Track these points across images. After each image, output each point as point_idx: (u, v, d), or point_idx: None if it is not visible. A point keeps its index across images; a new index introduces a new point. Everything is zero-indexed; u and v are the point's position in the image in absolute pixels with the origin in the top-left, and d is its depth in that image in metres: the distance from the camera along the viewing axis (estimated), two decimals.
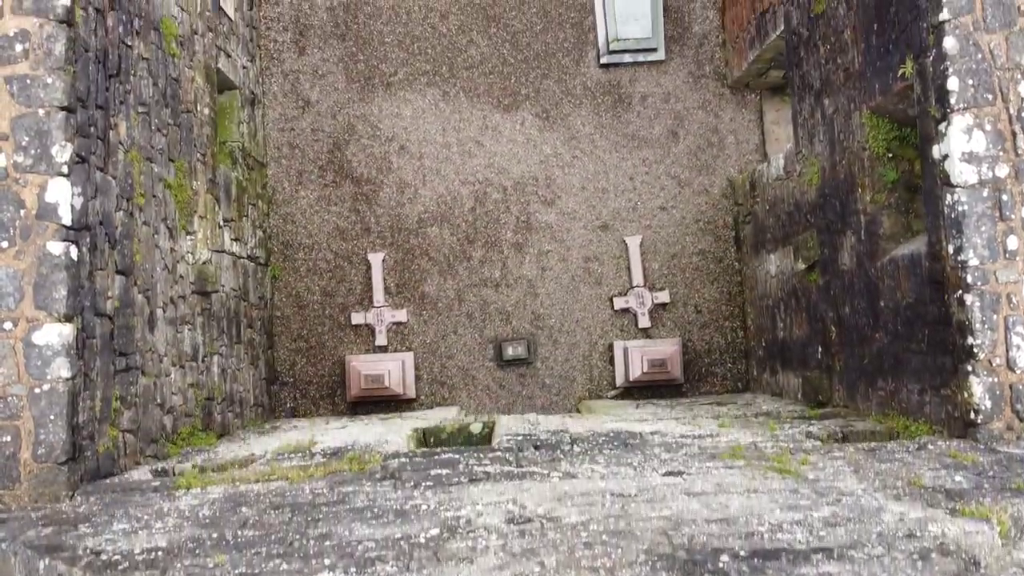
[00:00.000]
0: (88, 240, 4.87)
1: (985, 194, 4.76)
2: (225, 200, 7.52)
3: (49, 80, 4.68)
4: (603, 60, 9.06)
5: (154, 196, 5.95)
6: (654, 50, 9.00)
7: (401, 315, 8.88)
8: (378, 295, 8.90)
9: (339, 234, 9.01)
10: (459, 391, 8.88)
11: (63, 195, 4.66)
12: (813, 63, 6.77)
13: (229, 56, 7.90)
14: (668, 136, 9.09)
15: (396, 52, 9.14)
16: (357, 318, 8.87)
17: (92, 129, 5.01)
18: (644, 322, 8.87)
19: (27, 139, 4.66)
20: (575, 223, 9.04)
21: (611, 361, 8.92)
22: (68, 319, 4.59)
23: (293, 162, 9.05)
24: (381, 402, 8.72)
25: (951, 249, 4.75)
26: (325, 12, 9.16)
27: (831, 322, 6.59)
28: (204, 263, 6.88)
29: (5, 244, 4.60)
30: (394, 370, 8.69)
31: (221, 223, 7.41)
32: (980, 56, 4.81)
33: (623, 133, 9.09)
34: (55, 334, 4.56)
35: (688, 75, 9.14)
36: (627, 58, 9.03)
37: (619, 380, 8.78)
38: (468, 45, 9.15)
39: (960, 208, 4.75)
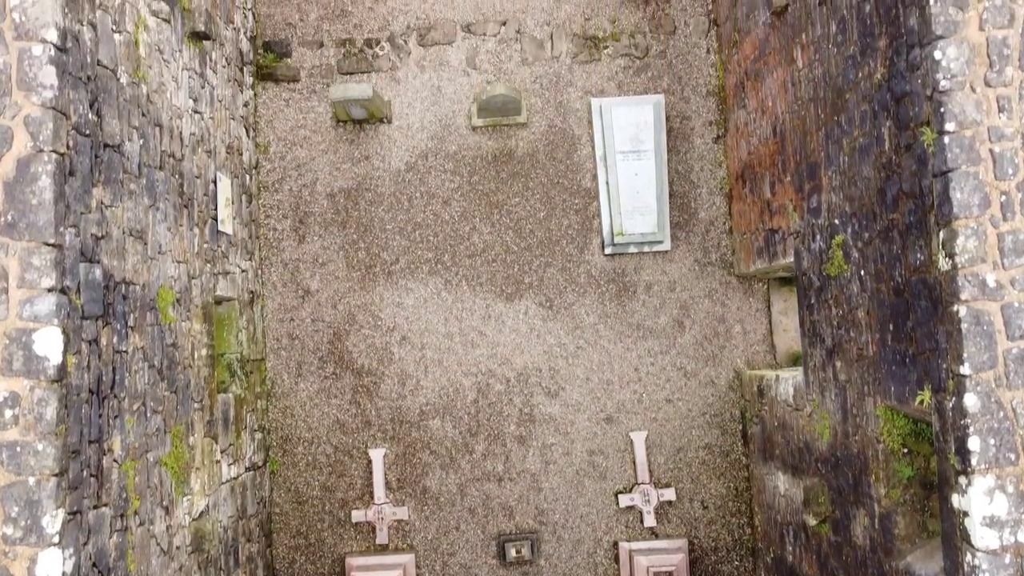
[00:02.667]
0: None
1: (1007, 560, 4.61)
2: (224, 431, 7.37)
3: (40, 447, 4.53)
4: (607, 251, 8.92)
5: (149, 487, 5.79)
6: (660, 242, 8.86)
7: (402, 512, 8.71)
8: (379, 491, 8.74)
9: (339, 427, 8.85)
10: None
11: (54, 565, 4.50)
12: (824, 318, 6.62)
13: (227, 274, 7.75)
14: (674, 326, 8.94)
15: (398, 239, 8.99)
16: (358, 515, 8.71)
17: (85, 472, 4.86)
18: (650, 521, 8.70)
19: (16, 509, 4.51)
20: (579, 415, 8.89)
21: (616, 559, 8.75)
22: None
23: (293, 353, 8.90)
24: None
25: None
26: (326, 199, 9.02)
27: None
28: (201, 516, 6.72)
29: None
30: None
31: (219, 457, 7.25)
32: (1003, 415, 4.66)
33: (628, 323, 8.94)
34: None
35: (694, 263, 9.00)
36: (632, 249, 8.88)
37: None
38: (471, 232, 9.01)
39: (982, 574, 4.60)
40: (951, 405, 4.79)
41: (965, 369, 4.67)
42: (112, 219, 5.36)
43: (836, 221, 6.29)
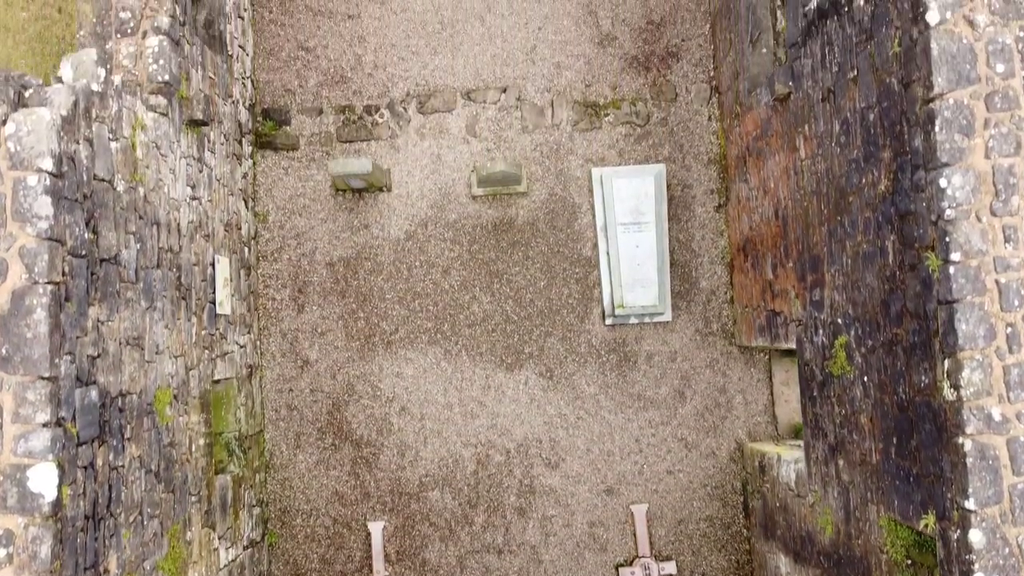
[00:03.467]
0: None
1: None
2: (221, 516, 7.31)
3: None
4: (608, 322, 8.86)
5: None
6: (661, 314, 8.81)
7: None
8: (378, 564, 8.68)
9: (338, 499, 8.79)
10: None
11: None
12: (826, 413, 6.57)
13: (226, 354, 7.70)
14: (675, 396, 8.89)
15: (397, 309, 8.94)
16: None
17: None
18: None
19: None
20: (580, 487, 8.83)
21: None
22: None
23: (291, 424, 8.85)
24: None
25: None
26: (325, 268, 8.96)
27: None
28: None
29: None
30: None
31: (216, 544, 7.19)
32: (1008, 551, 4.60)
33: (629, 393, 8.88)
34: None
35: (695, 332, 8.94)
36: (633, 320, 8.83)
37: None
38: (471, 302, 8.96)
39: None
40: (956, 537, 4.73)
41: (970, 504, 4.61)
42: (109, 334, 5.31)
43: (839, 320, 6.24)
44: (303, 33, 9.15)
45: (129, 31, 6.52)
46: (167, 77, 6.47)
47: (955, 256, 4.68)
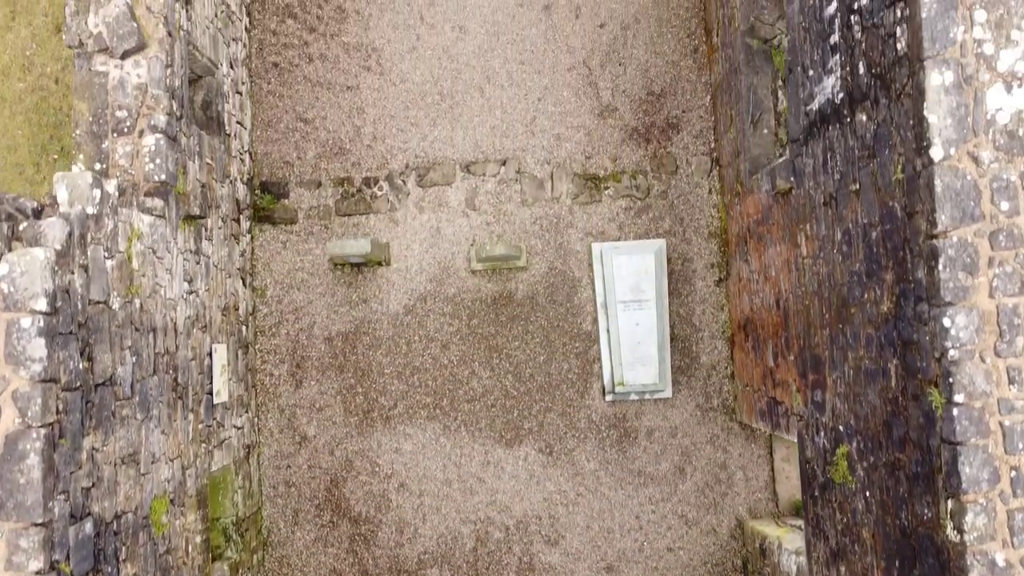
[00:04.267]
0: None
1: None
2: None
3: None
4: (608, 398, 8.81)
5: None
6: (661, 391, 8.76)
7: None
8: None
9: None
10: None
11: None
12: (828, 516, 6.51)
13: (223, 443, 7.64)
14: (675, 472, 8.83)
15: (396, 384, 8.89)
16: None
17: None
18: None
19: None
20: (580, 564, 8.77)
21: None
22: None
23: (289, 501, 8.79)
24: None
25: None
26: (323, 343, 8.91)
27: None
28: None
29: None
30: None
31: None
32: None
33: (629, 469, 8.83)
34: None
35: (696, 408, 8.89)
36: (633, 397, 8.78)
37: None
38: (470, 377, 8.90)
39: None
40: None
41: None
42: (104, 459, 5.26)
43: (841, 428, 6.18)
44: (302, 104, 9.11)
45: (126, 130, 6.48)
46: (164, 176, 6.42)
47: (959, 397, 4.62)
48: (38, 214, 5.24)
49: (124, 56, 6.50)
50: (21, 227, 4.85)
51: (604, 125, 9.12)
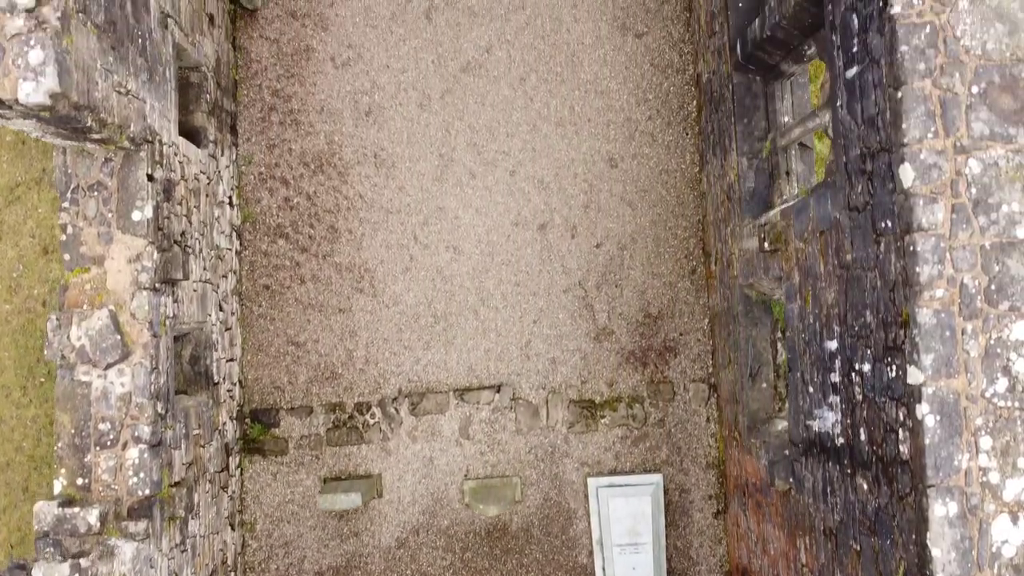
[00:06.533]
0: None
1: None
2: None
3: None
4: None
5: None
6: None
7: None
8: None
9: None
10: None
11: None
12: None
13: None
14: None
15: None
16: None
17: None
18: None
19: None
20: None
21: None
22: None
23: None
24: None
25: None
26: None
27: None
28: None
29: None
30: None
31: None
32: None
33: None
34: None
35: None
36: None
37: None
38: None
39: None
40: None
41: None
42: None
43: None
44: (293, 327, 8.96)
45: (109, 443, 6.33)
46: (148, 490, 6.28)
47: None
48: None
49: (108, 367, 6.36)
50: None
51: (600, 348, 8.98)
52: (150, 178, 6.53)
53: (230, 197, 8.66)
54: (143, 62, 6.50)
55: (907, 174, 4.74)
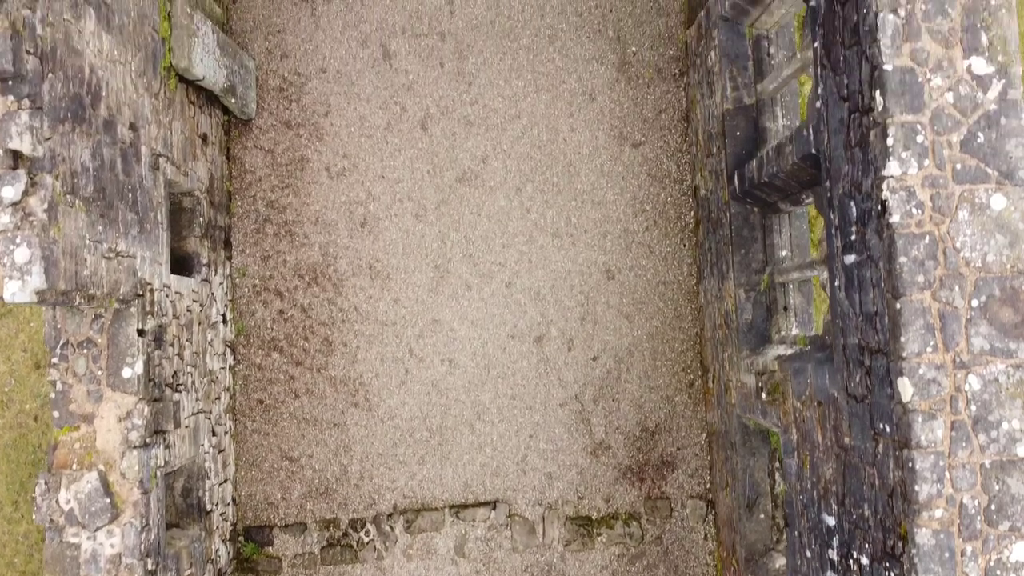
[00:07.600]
0: None
1: None
2: None
3: None
4: None
5: None
6: None
7: None
8: None
9: None
10: None
11: None
12: None
13: None
14: None
15: None
16: None
17: None
18: None
19: None
20: None
21: None
22: None
23: None
24: None
25: None
26: None
27: None
28: None
29: None
30: None
31: None
32: None
33: None
34: None
35: None
36: None
37: None
38: None
39: None
40: None
41: None
42: None
43: None
44: (287, 442, 8.88)
45: None
46: None
47: None
48: None
49: (97, 529, 6.27)
50: None
51: (597, 463, 8.90)
52: (140, 332, 6.46)
53: (223, 315, 8.58)
54: (133, 216, 6.43)
55: (906, 388, 4.67)
